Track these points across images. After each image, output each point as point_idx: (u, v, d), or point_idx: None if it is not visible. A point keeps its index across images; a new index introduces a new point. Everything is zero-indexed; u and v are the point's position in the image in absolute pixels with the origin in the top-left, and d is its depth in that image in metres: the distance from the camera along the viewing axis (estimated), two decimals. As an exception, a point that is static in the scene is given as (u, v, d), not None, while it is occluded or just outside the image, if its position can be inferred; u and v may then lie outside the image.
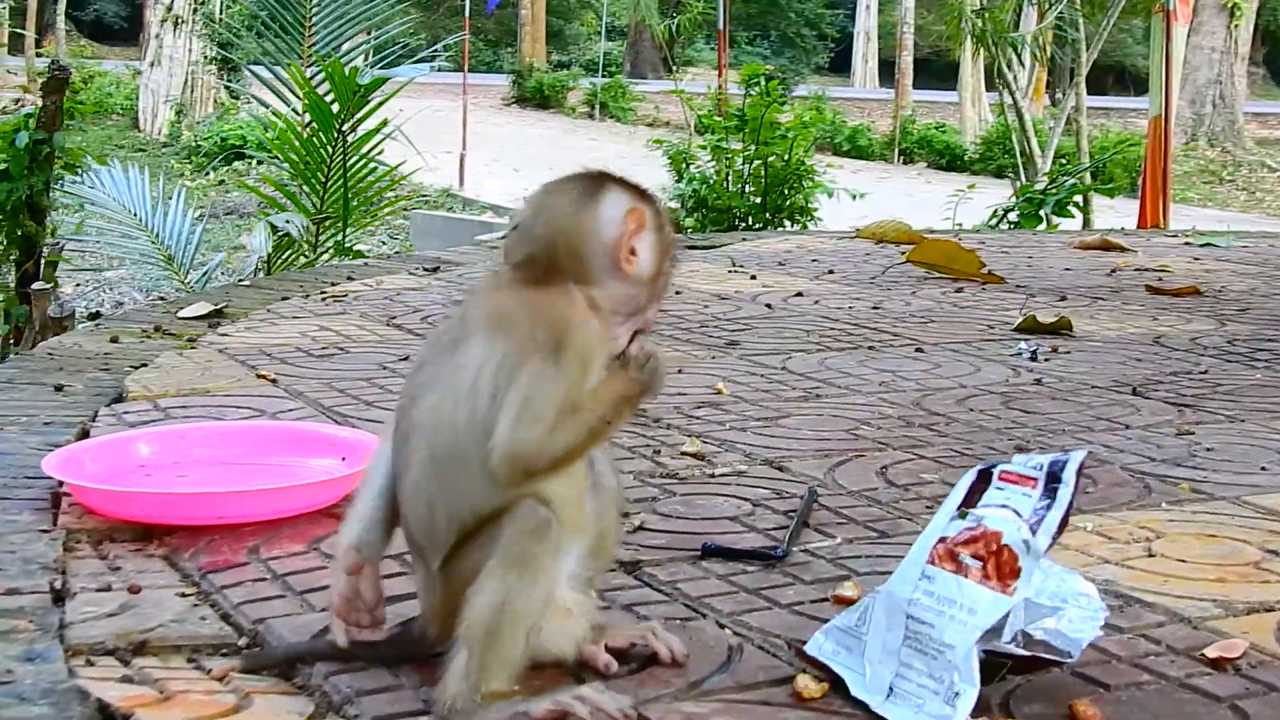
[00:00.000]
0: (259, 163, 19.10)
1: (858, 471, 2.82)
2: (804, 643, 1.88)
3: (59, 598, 2.11)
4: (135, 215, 8.15)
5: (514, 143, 23.87)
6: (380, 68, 8.26)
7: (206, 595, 2.13)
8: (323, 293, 4.70)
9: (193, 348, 3.87)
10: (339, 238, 7.61)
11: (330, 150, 7.62)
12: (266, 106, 8.77)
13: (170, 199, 8.39)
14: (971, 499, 1.82)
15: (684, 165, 10.64)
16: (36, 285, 6.73)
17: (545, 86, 31.22)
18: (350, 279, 5.04)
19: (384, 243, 16.05)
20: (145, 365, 3.61)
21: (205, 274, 8.27)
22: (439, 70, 14.12)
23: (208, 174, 18.94)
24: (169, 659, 1.93)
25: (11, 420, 3.06)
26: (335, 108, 7.53)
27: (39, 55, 25.88)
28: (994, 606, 1.72)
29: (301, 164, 7.72)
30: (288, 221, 7.05)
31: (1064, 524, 1.76)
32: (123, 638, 1.97)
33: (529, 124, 28.10)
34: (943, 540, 1.79)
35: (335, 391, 3.37)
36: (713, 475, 2.76)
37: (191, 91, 21.81)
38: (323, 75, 7.66)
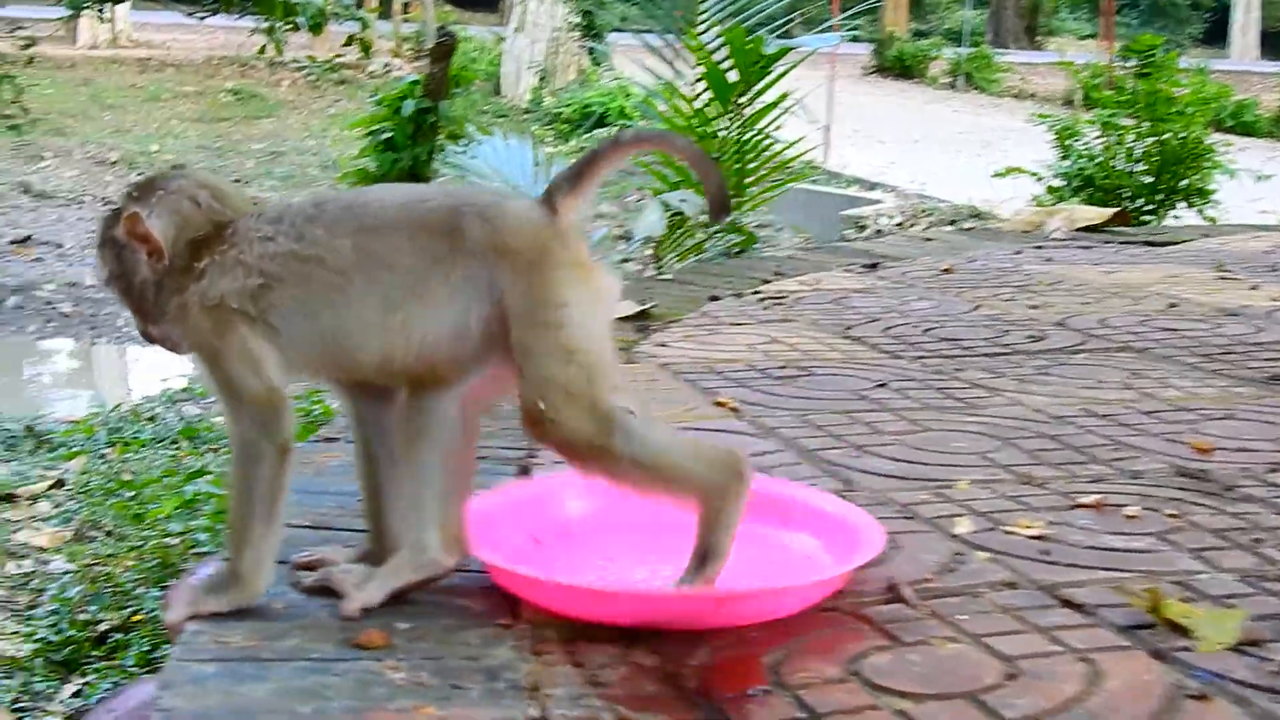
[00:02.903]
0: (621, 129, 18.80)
1: None
2: None
3: (538, 737, 1.60)
4: (514, 186, 7.75)
5: (875, 114, 23.12)
6: (778, 36, 7.67)
7: (732, 743, 1.59)
8: (756, 292, 4.13)
9: (630, 360, 3.33)
10: (732, 217, 7.07)
11: (727, 124, 7.09)
12: (620, 77, 8.28)
13: (551, 168, 7.97)
14: None
15: (1069, 142, 9.83)
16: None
17: (906, 56, 30.29)
18: (778, 274, 4.47)
19: (746, 217, 15.55)
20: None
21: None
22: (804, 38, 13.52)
23: (568, 141, 18.72)
24: None
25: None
26: (732, 78, 6.99)
27: (405, 20, 26.06)
28: None
29: (695, 138, 7.20)
30: (683, 200, 6.52)
31: None
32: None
33: (890, 94, 27.24)
34: None
35: (811, 428, 2.79)
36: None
37: (554, 58, 21.63)
38: (720, 43, 7.11)
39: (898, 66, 30.16)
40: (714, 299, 4.04)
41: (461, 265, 1.84)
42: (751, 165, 7.28)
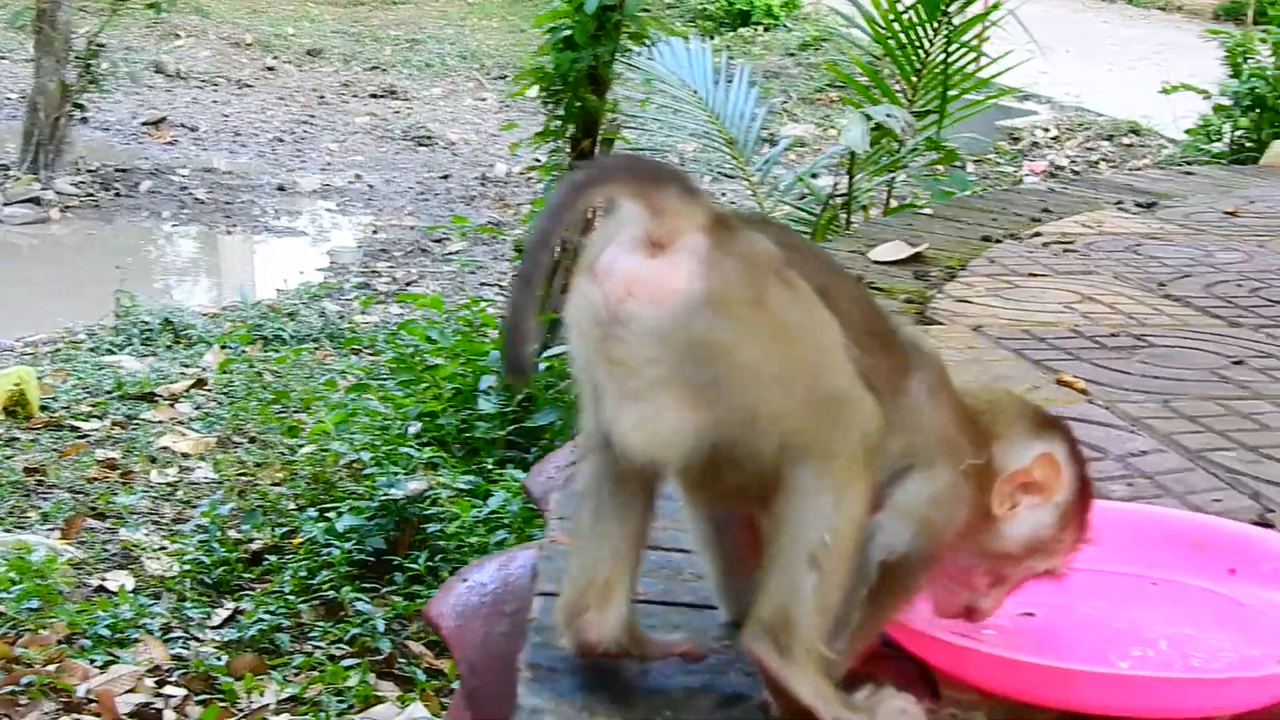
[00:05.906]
0: (765, 30, 18.25)
1: None
2: None
3: None
4: (695, 92, 7.29)
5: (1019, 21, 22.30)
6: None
7: None
8: (1036, 234, 3.64)
9: (932, 319, 2.84)
10: (932, 133, 6.58)
11: (931, 32, 6.57)
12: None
13: (731, 76, 7.49)
14: None
15: (1242, 60, 9.20)
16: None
17: (1052, -38, 29.40)
18: (1046, 212, 3.96)
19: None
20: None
21: (767, 161, 7.37)
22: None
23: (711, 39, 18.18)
24: None
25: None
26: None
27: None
28: None
29: (896, 46, 6.68)
30: (889, 115, 6.01)
31: None
32: None
33: (1035, 2, 26.38)
34: None
35: (1183, 419, 2.31)
36: None
37: (697, -50, 21.01)
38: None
39: (1044, -27, 29.28)
40: (987, 239, 3.55)
41: None
42: (954, 80, 6.77)
